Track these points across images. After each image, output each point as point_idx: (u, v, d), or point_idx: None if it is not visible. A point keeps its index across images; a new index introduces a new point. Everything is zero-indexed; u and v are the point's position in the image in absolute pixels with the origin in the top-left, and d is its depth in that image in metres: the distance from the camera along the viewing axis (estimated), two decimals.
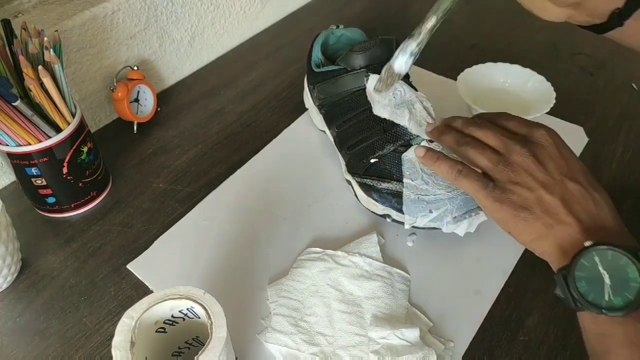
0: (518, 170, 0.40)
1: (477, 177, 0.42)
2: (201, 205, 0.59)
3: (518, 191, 0.39)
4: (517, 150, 0.40)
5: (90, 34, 0.65)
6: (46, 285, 0.52)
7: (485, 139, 0.43)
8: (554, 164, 0.39)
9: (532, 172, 0.39)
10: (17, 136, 0.51)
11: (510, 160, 0.40)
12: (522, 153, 0.40)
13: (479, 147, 0.43)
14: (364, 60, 0.57)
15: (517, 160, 0.40)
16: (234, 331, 0.45)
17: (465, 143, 0.43)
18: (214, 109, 0.74)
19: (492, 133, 0.43)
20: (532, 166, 0.39)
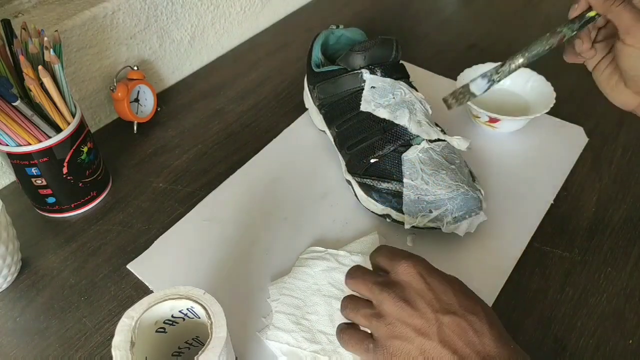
0: (392, 322, 0.37)
1: (357, 339, 0.39)
2: (201, 205, 0.59)
3: (399, 346, 0.36)
4: (386, 299, 0.37)
5: (90, 34, 0.65)
6: (46, 285, 0.53)
7: (359, 293, 0.41)
8: (424, 302, 0.37)
9: (405, 320, 0.36)
10: (17, 136, 0.51)
11: (382, 312, 0.38)
12: (390, 301, 0.37)
13: (353, 305, 0.40)
14: (364, 60, 0.57)
15: (388, 310, 0.37)
16: (234, 330, 0.45)
17: (344, 305, 0.41)
18: (214, 109, 0.74)
19: (362, 283, 0.40)
20: (404, 313, 0.36)
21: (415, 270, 0.38)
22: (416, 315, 0.36)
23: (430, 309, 0.36)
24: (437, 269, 0.39)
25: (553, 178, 0.60)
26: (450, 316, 0.36)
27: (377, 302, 0.38)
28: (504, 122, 0.63)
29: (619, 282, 0.50)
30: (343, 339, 0.40)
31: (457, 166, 0.54)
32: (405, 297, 0.37)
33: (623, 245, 0.54)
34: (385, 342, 0.37)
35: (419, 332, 0.36)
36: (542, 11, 0.91)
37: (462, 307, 0.36)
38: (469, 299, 0.37)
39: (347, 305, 0.41)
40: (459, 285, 0.39)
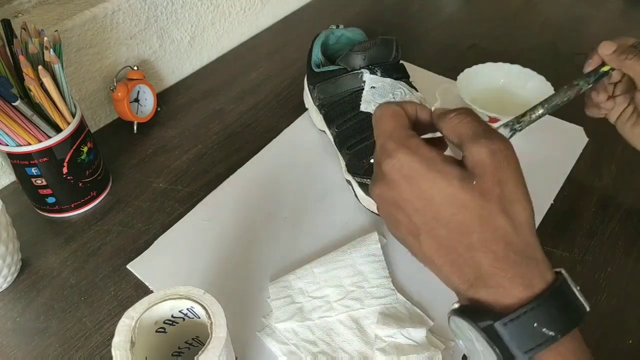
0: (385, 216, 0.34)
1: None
2: (201, 205, 0.59)
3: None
4: (375, 195, 0.34)
5: (90, 34, 0.65)
6: (46, 285, 0.52)
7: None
8: (401, 213, 0.32)
9: (397, 221, 0.33)
10: (17, 136, 0.51)
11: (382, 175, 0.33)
12: (377, 199, 0.34)
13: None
14: (364, 60, 0.57)
15: (380, 205, 0.34)
16: (234, 331, 0.45)
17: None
18: (214, 109, 0.74)
19: (377, 137, 0.35)
20: (394, 216, 0.33)
21: (403, 170, 0.32)
22: (405, 221, 0.33)
23: (420, 220, 0.32)
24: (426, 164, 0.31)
25: (553, 178, 0.60)
26: (438, 232, 0.32)
27: (377, 162, 0.34)
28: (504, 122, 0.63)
29: (619, 282, 0.50)
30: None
31: None
32: (394, 199, 0.33)
33: (623, 245, 0.54)
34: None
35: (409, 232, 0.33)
36: (542, 11, 0.91)
37: (454, 222, 0.31)
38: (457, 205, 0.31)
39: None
40: (455, 187, 0.31)
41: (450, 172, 0.30)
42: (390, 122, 0.34)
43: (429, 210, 0.31)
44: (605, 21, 0.87)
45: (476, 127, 0.32)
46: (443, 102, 0.41)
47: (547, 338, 0.28)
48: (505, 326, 0.29)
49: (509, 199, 0.30)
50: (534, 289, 0.29)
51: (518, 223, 0.30)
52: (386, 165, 0.32)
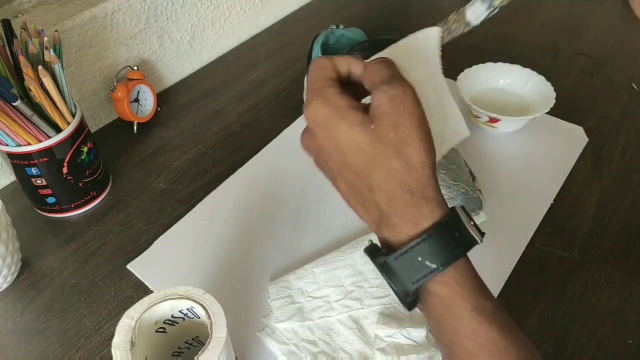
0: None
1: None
2: (201, 205, 0.59)
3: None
4: (302, 144, 0.37)
5: (90, 34, 0.65)
6: (46, 285, 0.52)
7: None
8: (322, 159, 0.35)
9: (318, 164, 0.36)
10: (17, 136, 0.51)
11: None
12: (303, 147, 0.37)
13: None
14: None
15: (308, 153, 0.37)
16: (234, 330, 0.45)
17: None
18: (214, 109, 0.74)
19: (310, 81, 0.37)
20: (315, 161, 0.36)
21: (315, 119, 0.34)
22: (324, 168, 0.36)
23: (329, 170, 0.35)
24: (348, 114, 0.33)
25: (553, 178, 0.60)
26: (345, 182, 0.35)
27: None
28: (504, 122, 0.63)
29: (619, 282, 0.50)
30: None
31: (457, 166, 0.54)
32: (314, 148, 0.36)
33: (623, 245, 0.54)
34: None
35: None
36: (542, 11, 0.91)
37: (356, 172, 0.33)
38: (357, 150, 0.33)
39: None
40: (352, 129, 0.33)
41: (353, 118, 0.32)
42: (314, 74, 0.35)
43: (338, 155, 0.33)
44: (605, 21, 0.87)
45: (384, 75, 0.33)
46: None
47: (430, 269, 0.31)
48: (395, 260, 0.32)
49: (403, 141, 0.32)
50: (422, 226, 0.32)
51: (411, 164, 0.32)
52: (305, 114, 0.35)
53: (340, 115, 0.33)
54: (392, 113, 0.32)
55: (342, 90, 0.34)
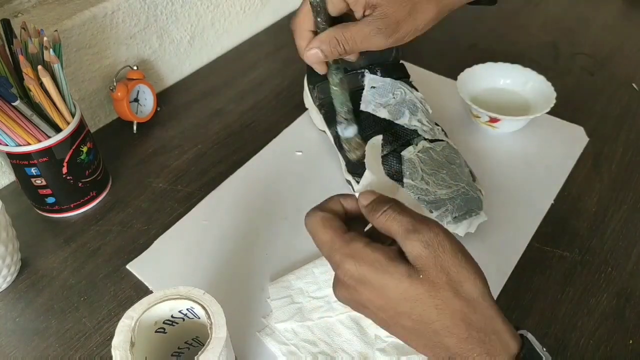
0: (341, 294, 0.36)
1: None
2: (201, 205, 0.59)
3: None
4: (340, 298, 0.36)
5: (90, 34, 0.65)
6: (46, 285, 0.52)
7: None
8: (368, 311, 0.34)
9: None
10: (17, 136, 0.51)
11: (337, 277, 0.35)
12: (343, 301, 0.36)
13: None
14: (364, 60, 0.57)
15: (348, 305, 0.36)
16: (234, 331, 0.45)
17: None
18: (214, 108, 0.74)
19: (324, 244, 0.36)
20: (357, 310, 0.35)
21: (357, 274, 0.33)
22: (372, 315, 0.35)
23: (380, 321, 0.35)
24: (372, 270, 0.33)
25: (553, 178, 0.60)
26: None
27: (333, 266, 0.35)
28: (504, 122, 0.63)
29: (619, 282, 0.50)
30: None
31: (457, 166, 0.54)
32: (355, 300, 0.35)
33: (623, 245, 0.54)
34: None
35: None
36: (542, 11, 0.91)
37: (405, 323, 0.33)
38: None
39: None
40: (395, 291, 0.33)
41: (398, 271, 0.32)
42: (326, 233, 0.35)
43: (390, 307, 0.33)
44: (605, 21, 0.87)
45: (405, 223, 0.33)
46: (369, 157, 0.40)
47: None
48: None
49: (457, 281, 0.32)
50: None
51: (473, 301, 0.31)
52: (339, 275, 0.34)
53: (383, 270, 0.32)
54: (434, 258, 0.32)
55: (369, 241, 0.33)
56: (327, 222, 0.35)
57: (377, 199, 0.35)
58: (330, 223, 0.35)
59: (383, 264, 0.32)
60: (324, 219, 0.35)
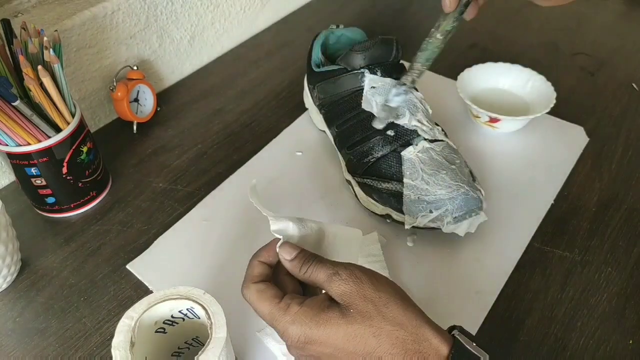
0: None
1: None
2: (201, 205, 0.59)
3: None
4: (294, 356, 0.38)
5: (90, 34, 0.65)
6: (46, 285, 0.52)
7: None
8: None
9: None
10: (17, 136, 0.51)
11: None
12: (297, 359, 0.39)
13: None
14: (364, 60, 0.57)
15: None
16: (234, 331, 0.45)
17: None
18: (214, 108, 0.74)
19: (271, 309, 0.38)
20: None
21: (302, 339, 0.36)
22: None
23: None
24: (315, 320, 0.36)
25: (553, 178, 0.60)
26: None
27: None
28: (504, 122, 0.63)
29: (619, 282, 0.50)
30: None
31: (457, 166, 0.54)
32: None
33: (623, 245, 0.54)
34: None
35: None
36: (543, 10, 0.91)
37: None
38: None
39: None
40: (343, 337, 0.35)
41: (333, 317, 0.35)
42: (264, 306, 0.37)
43: (339, 352, 0.35)
44: (606, 21, 0.87)
45: (325, 270, 0.37)
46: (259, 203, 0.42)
47: None
48: None
49: (382, 305, 0.35)
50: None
51: (399, 318, 0.35)
52: (287, 341, 0.37)
53: (322, 322, 0.35)
54: (357, 290, 0.35)
55: (301, 300, 0.36)
56: (261, 294, 0.37)
57: (299, 255, 0.38)
58: (264, 295, 0.37)
59: (320, 317, 0.35)
60: (258, 292, 0.38)
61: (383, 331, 0.34)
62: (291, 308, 0.36)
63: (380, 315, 0.35)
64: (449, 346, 0.34)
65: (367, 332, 0.34)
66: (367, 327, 0.34)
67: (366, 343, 0.34)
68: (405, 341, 0.34)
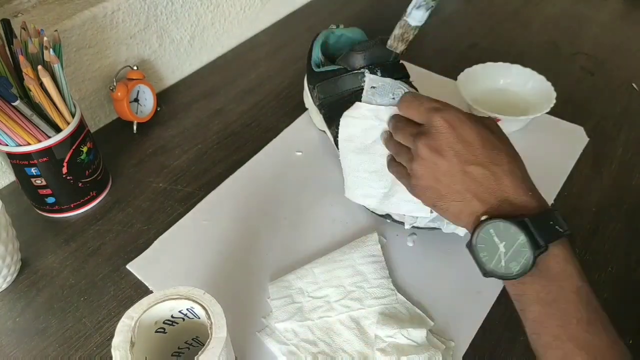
0: (426, 165, 0.44)
1: (401, 173, 0.48)
2: (201, 205, 0.59)
3: (430, 184, 0.44)
4: (420, 148, 0.44)
5: (90, 34, 0.65)
6: (46, 285, 0.52)
7: (402, 141, 0.48)
8: (452, 151, 0.42)
9: (435, 165, 0.43)
10: (17, 136, 0.51)
11: (418, 157, 0.44)
12: (423, 150, 0.43)
13: (397, 150, 0.48)
14: (364, 60, 0.57)
15: (423, 155, 0.44)
16: (234, 331, 0.45)
17: (394, 151, 0.49)
18: (214, 108, 0.74)
19: (402, 134, 0.47)
20: (435, 159, 0.43)
21: (448, 123, 0.43)
22: (446, 163, 0.42)
23: (457, 159, 0.42)
24: (468, 116, 0.43)
25: (553, 178, 0.60)
26: (475, 166, 0.41)
27: (414, 149, 0.45)
28: (504, 122, 0.63)
29: (619, 282, 0.50)
30: (391, 166, 0.50)
31: None
32: (436, 147, 0.43)
33: (623, 245, 0.54)
34: (419, 180, 0.44)
35: (447, 174, 0.42)
36: (542, 10, 0.91)
37: (487, 157, 0.41)
38: (495, 149, 0.42)
39: (394, 149, 0.49)
40: (488, 134, 0.43)
41: (481, 120, 0.44)
42: (425, 98, 0.47)
43: (476, 145, 0.42)
44: (605, 21, 0.87)
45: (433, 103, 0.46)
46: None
47: (559, 233, 0.38)
48: (532, 222, 0.38)
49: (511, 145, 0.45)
50: (545, 204, 0.41)
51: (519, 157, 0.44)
52: (436, 118, 0.43)
53: (473, 118, 0.43)
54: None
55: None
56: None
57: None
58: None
59: (466, 114, 0.43)
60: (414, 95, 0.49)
61: (516, 156, 0.43)
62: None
63: (511, 146, 0.44)
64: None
65: (506, 147, 0.43)
66: (506, 144, 0.43)
67: (500, 153, 0.42)
68: (525, 174, 0.42)
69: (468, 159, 0.41)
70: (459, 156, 0.42)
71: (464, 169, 0.41)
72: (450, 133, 0.42)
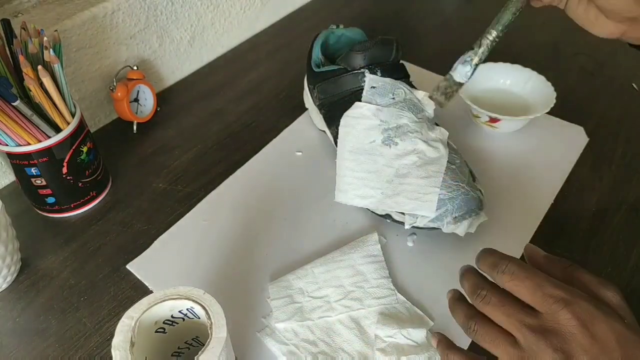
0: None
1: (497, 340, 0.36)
2: (201, 205, 0.59)
3: None
4: (543, 351, 0.33)
5: (90, 34, 0.65)
6: (46, 286, 0.52)
7: (502, 323, 0.36)
8: (587, 357, 0.33)
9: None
10: (17, 136, 0.51)
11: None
12: (547, 353, 0.33)
13: (489, 331, 0.36)
14: (364, 60, 0.57)
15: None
16: (234, 331, 0.45)
17: (486, 330, 0.36)
18: (214, 109, 0.74)
19: (506, 317, 0.35)
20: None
21: (578, 320, 0.33)
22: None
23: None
24: (598, 306, 0.34)
25: (553, 178, 0.60)
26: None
27: (528, 348, 0.34)
28: (504, 122, 0.63)
29: (619, 282, 0.50)
30: (478, 332, 0.36)
31: (457, 166, 0.53)
32: (567, 351, 0.33)
33: (623, 245, 0.54)
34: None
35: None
36: (542, 11, 0.91)
37: (625, 357, 0.33)
38: (633, 343, 0.33)
39: (479, 330, 0.36)
40: (622, 328, 0.33)
41: (610, 310, 0.34)
42: (544, 278, 0.36)
43: (607, 349, 0.32)
44: None
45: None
46: None
47: None
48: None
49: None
50: None
51: None
52: (565, 317, 0.33)
53: (606, 312, 0.34)
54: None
55: None
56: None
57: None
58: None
59: (604, 306, 0.34)
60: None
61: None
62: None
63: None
64: None
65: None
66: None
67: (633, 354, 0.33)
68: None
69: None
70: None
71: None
72: (582, 334, 0.33)
